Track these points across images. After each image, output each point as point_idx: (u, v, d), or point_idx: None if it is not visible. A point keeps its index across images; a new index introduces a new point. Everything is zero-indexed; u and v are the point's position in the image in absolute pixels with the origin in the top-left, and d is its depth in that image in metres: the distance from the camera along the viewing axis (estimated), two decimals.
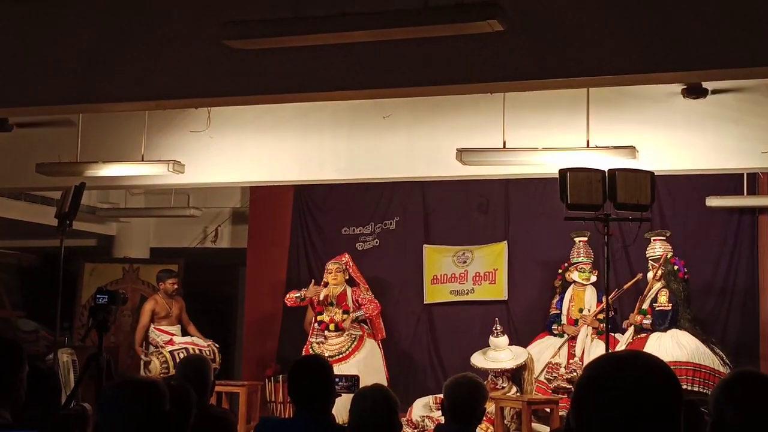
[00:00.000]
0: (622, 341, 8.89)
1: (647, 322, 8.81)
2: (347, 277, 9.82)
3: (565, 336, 9.27)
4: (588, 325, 9.18)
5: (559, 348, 9.19)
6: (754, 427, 2.24)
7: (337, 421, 4.02)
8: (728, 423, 2.22)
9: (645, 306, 8.91)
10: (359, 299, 9.67)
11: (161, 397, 2.82)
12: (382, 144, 8.07)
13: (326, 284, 9.79)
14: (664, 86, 7.07)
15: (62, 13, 5.99)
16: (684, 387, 6.01)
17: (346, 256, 9.99)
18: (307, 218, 11.21)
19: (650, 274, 9.02)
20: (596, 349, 8.76)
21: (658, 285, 8.94)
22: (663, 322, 8.77)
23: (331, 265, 9.81)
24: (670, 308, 8.81)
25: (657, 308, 8.83)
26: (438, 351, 10.48)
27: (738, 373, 2.43)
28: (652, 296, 8.93)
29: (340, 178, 8.60)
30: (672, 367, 6.38)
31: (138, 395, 2.79)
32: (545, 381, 9.09)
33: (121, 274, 11.81)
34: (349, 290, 9.73)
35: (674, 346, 8.58)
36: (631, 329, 8.94)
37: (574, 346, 9.17)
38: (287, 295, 9.91)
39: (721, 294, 9.59)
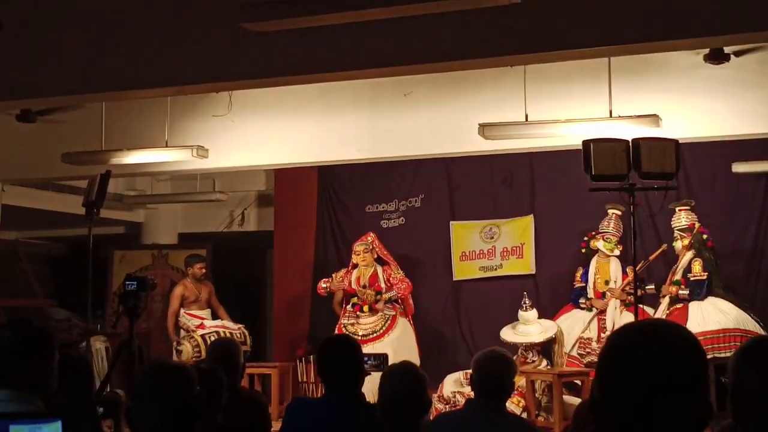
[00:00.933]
0: (659, 312, 8.84)
1: (684, 292, 8.75)
2: (375, 257, 9.82)
3: (594, 310, 9.24)
4: (616, 298, 9.15)
5: (589, 322, 9.16)
6: None
7: (366, 399, 4.05)
8: (747, 388, 2.22)
9: (678, 277, 8.86)
10: (390, 279, 9.67)
11: (191, 380, 2.85)
12: (404, 122, 8.06)
13: (355, 266, 9.78)
14: (685, 53, 7.01)
15: (80, 0, 6.02)
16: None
17: (371, 234, 9.99)
18: (333, 198, 11.24)
19: (678, 244, 8.95)
20: (626, 321, 8.72)
21: (689, 255, 8.88)
22: (701, 291, 8.73)
23: (358, 247, 9.81)
24: (705, 277, 8.76)
25: (692, 278, 8.77)
26: (468, 327, 10.49)
27: (756, 339, 2.43)
28: (684, 266, 8.88)
29: (364, 158, 8.61)
30: (722, 335, 6.27)
31: (167, 380, 2.83)
32: (578, 356, 9.08)
33: (150, 260, 11.89)
34: (380, 269, 9.74)
35: (718, 314, 8.56)
36: (666, 300, 8.89)
37: (604, 320, 9.13)
38: (318, 284, 9.94)
39: (750, 259, 9.52)
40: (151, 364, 3.11)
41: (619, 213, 9.32)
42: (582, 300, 9.35)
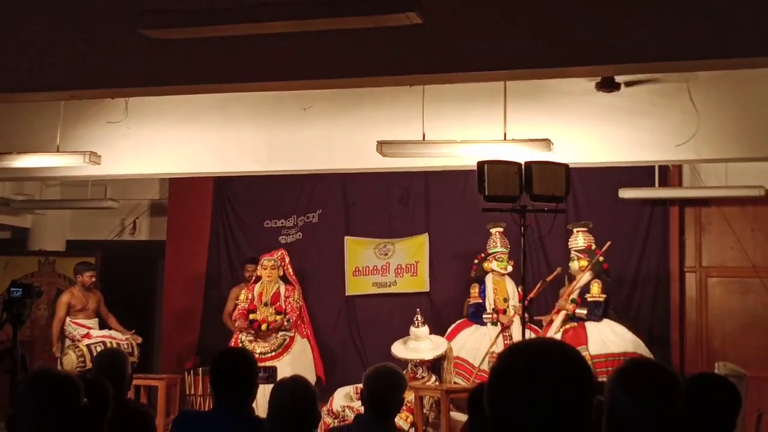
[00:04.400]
0: (552, 329, 9.00)
1: (581, 311, 8.92)
2: (281, 274, 9.74)
3: (499, 325, 9.34)
4: (519, 315, 9.29)
5: (496, 338, 9.24)
6: (644, 412, 2.33)
7: (256, 413, 4.02)
8: (621, 409, 2.30)
9: (574, 296, 9.05)
10: (288, 301, 9.57)
11: (76, 391, 2.79)
12: (303, 136, 8.06)
13: (258, 279, 9.68)
14: (578, 80, 7.22)
15: None
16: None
17: (282, 251, 9.92)
18: (228, 211, 11.14)
19: (575, 265, 9.14)
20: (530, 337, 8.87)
21: (588, 275, 9.08)
22: (599, 312, 8.92)
23: (266, 261, 9.68)
24: (603, 299, 8.97)
25: (590, 299, 8.96)
26: (360, 341, 10.53)
27: (630, 362, 2.53)
28: (582, 286, 9.07)
29: (261, 170, 8.57)
30: (622, 358, 6.46)
31: (51, 390, 2.76)
32: (488, 371, 9.16)
33: (37, 267, 11.57)
34: (282, 288, 9.64)
35: (617, 337, 8.77)
36: (561, 317, 9.05)
37: (509, 336, 9.25)
38: (236, 314, 9.71)
39: (633, 284, 9.83)
40: (34, 373, 3.02)
41: (501, 230, 9.51)
42: (486, 315, 9.43)
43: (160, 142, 8.29)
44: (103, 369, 4.22)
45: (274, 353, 9.36)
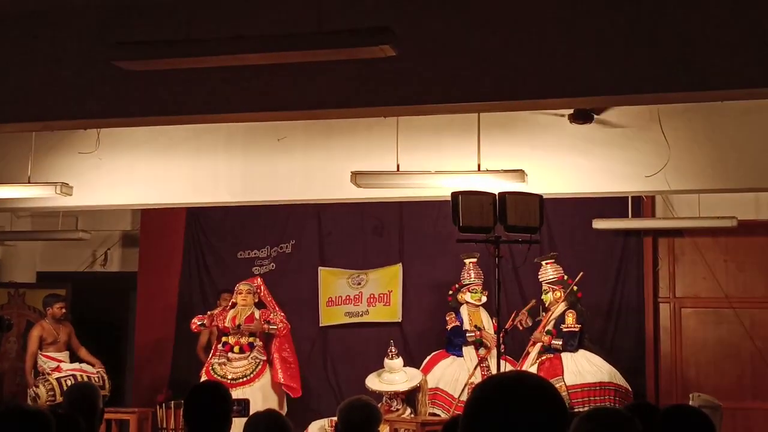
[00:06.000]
0: (528, 361, 8.99)
1: (557, 342, 8.92)
2: (256, 300, 9.69)
3: (482, 350, 9.28)
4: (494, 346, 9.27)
5: (474, 369, 9.20)
6: None
7: None
8: None
9: (549, 327, 9.06)
10: (270, 318, 9.53)
11: (48, 427, 2.75)
12: (277, 167, 8.05)
13: (234, 305, 9.63)
14: (552, 112, 7.27)
15: None
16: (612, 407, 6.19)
17: (259, 280, 9.87)
18: (201, 241, 11.08)
19: (549, 296, 9.16)
20: (507, 369, 8.85)
21: (563, 306, 9.09)
22: (574, 342, 8.93)
23: (242, 287, 9.62)
24: (578, 329, 8.99)
25: (565, 329, 8.97)
26: (334, 373, 10.47)
27: (596, 409, 2.57)
28: (557, 316, 9.08)
29: (235, 201, 8.54)
30: (598, 388, 6.47)
31: (24, 425, 2.72)
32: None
33: (7, 298, 11.43)
34: (257, 313, 9.59)
35: (592, 367, 8.78)
36: (537, 349, 9.05)
37: (487, 368, 9.21)
38: (192, 320, 9.68)
39: (608, 315, 9.85)
40: (7, 408, 2.98)
41: (475, 260, 9.51)
42: (469, 334, 9.37)
43: (132, 172, 8.25)
44: (75, 403, 4.18)
45: (245, 378, 9.28)
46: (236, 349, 9.41)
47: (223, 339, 9.50)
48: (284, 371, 9.51)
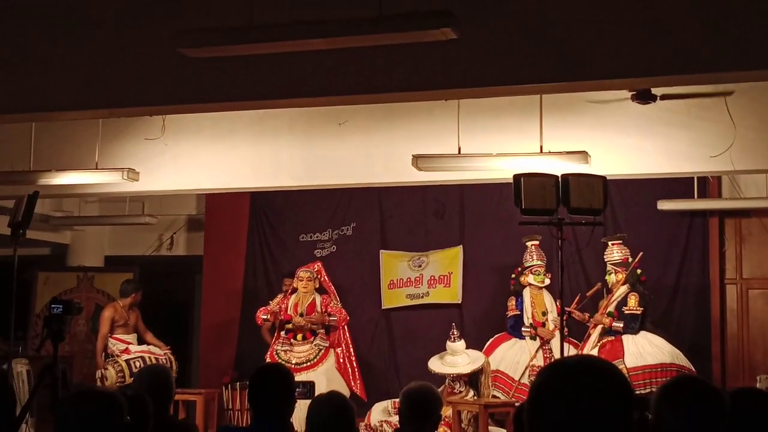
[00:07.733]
0: (590, 344, 8.94)
1: (618, 324, 8.84)
2: (317, 286, 9.76)
3: (538, 339, 9.28)
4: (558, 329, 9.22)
5: (536, 352, 9.18)
6: (689, 428, 2.31)
7: (295, 428, 4.03)
8: (666, 426, 2.28)
9: (611, 309, 8.98)
10: (329, 308, 9.61)
11: (120, 409, 2.81)
12: (338, 150, 8.09)
13: (294, 290, 9.71)
14: (614, 92, 7.18)
15: (13, 20, 5.94)
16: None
17: (318, 264, 9.94)
18: (264, 225, 11.19)
19: (612, 278, 9.08)
20: (570, 352, 8.79)
21: (625, 288, 9.00)
22: (635, 325, 8.85)
23: (302, 273, 9.70)
24: (640, 312, 8.89)
25: (627, 312, 8.88)
26: (396, 356, 10.51)
27: (676, 380, 2.51)
28: (619, 299, 9.00)
29: (296, 185, 8.61)
30: (659, 369, 6.36)
31: (97, 407, 2.78)
32: (529, 384, 9.09)
33: (76, 282, 11.69)
34: (318, 299, 9.66)
35: (654, 348, 8.69)
36: (598, 331, 8.99)
37: (549, 349, 9.19)
38: (257, 315, 9.79)
39: (673, 295, 9.74)
40: (79, 390, 3.05)
41: (537, 243, 9.46)
42: (524, 328, 9.38)
43: (197, 158, 8.36)
44: (148, 384, 4.24)
45: (309, 363, 9.37)
46: (299, 336, 9.50)
47: (286, 326, 9.59)
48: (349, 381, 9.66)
